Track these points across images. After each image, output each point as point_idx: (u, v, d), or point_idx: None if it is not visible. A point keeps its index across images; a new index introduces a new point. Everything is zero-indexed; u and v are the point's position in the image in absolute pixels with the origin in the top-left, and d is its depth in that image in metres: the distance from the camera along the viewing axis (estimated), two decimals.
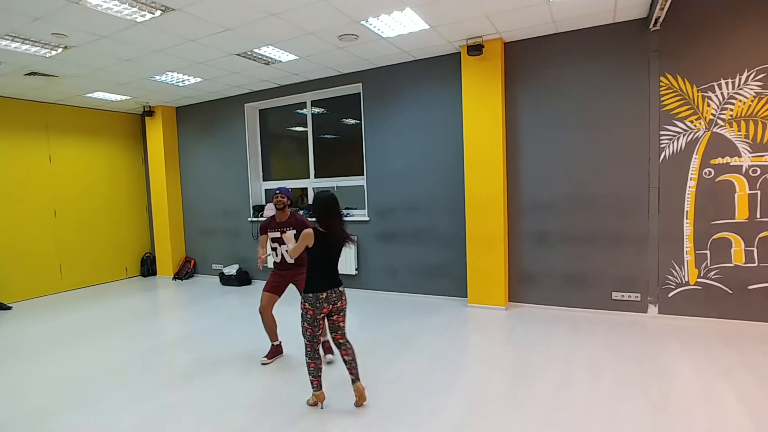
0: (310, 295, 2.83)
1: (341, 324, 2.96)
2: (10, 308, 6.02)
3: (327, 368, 3.50)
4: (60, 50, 4.50)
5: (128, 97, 6.75)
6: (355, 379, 2.93)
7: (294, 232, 3.59)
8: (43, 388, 3.45)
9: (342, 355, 2.96)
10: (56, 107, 6.87)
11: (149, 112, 7.47)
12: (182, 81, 5.97)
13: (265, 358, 3.78)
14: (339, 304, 2.91)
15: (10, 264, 6.31)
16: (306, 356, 2.91)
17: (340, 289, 2.92)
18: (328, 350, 3.71)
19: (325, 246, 2.86)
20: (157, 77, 5.72)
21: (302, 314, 2.88)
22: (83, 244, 7.22)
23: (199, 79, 5.94)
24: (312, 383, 2.92)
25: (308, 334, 2.87)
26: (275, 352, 3.84)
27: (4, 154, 6.28)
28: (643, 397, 2.92)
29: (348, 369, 2.94)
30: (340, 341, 2.95)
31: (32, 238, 6.59)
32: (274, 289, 3.78)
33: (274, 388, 3.30)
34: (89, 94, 6.43)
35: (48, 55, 4.60)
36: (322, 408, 2.94)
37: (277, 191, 3.79)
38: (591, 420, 2.67)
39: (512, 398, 2.99)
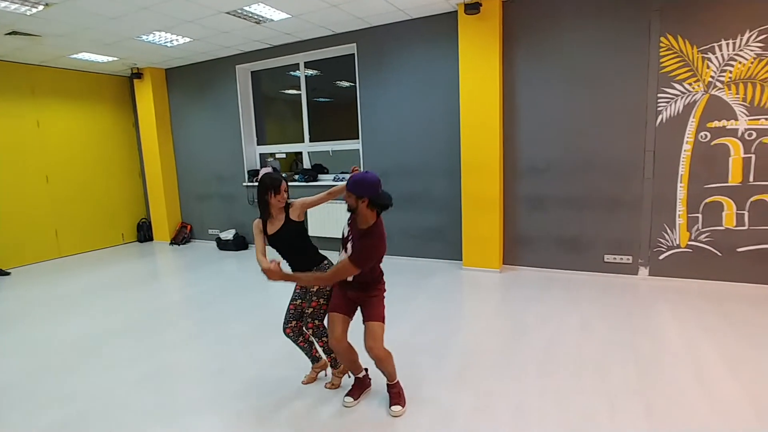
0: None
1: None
2: (8, 274, 6.06)
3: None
4: (41, 7, 4.32)
5: (115, 59, 6.54)
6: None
7: (345, 256, 2.35)
8: (47, 350, 3.53)
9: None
10: (42, 69, 6.65)
11: (137, 74, 7.25)
12: (170, 41, 5.78)
13: (350, 398, 2.61)
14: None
15: (6, 230, 6.29)
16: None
17: None
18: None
19: None
20: (144, 37, 5.52)
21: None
22: (78, 210, 7.18)
23: (188, 39, 5.74)
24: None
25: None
26: (362, 386, 2.69)
27: None
28: (632, 353, 3.04)
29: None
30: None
31: (26, 203, 6.54)
32: (341, 308, 2.51)
33: (278, 349, 3.39)
34: (75, 55, 6.21)
35: (29, 12, 4.41)
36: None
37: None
38: (581, 372, 2.79)
39: (506, 354, 3.11)
